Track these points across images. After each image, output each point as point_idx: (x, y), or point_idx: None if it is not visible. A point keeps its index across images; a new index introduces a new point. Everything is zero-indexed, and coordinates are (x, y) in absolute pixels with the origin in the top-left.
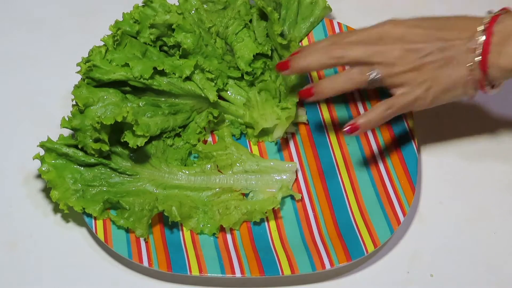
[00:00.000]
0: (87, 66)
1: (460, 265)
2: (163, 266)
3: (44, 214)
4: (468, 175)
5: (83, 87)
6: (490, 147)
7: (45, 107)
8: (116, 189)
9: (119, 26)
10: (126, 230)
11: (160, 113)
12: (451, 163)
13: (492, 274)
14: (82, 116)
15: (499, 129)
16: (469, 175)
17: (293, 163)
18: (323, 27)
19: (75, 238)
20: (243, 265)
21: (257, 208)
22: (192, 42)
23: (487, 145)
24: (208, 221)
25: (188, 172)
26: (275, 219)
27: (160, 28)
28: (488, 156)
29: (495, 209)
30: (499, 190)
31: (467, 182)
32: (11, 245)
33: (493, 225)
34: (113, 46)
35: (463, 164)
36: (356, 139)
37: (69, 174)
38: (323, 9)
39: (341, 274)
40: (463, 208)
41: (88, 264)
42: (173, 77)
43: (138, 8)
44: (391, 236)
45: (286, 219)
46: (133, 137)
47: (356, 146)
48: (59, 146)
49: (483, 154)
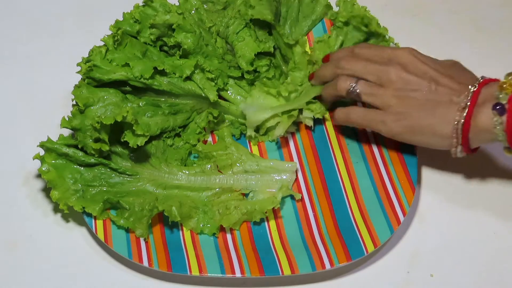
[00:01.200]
0: (87, 66)
1: (460, 265)
2: (163, 266)
3: (44, 214)
4: (468, 175)
5: (83, 87)
6: (490, 147)
7: (45, 107)
8: (116, 189)
9: (119, 26)
10: (126, 230)
11: (160, 113)
12: (451, 163)
13: (492, 274)
14: (82, 116)
15: None
16: (469, 175)
17: (293, 163)
18: (322, 25)
19: (75, 238)
20: (243, 265)
21: (257, 208)
22: (193, 42)
23: (487, 145)
24: (208, 221)
25: (188, 172)
26: (275, 219)
27: (160, 28)
28: (488, 156)
29: (495, 209)
30: (499, 190)
31: (467, 182)
32: (11, 245)
33: (493, 225)
34: (114, 46)
35: (463, 164)
36: (356, 139)
37: (69, 174)
38: (324, 6)
39: (341, 274)
40: (463, 208)
41: (88, 264)
42: (173, 77)
43: (139, 7)
44: (391, 236)
45: (286, 219)
46: (133, 137)
47: (356, 146)
48: (59, 146)
49: (483, 154)
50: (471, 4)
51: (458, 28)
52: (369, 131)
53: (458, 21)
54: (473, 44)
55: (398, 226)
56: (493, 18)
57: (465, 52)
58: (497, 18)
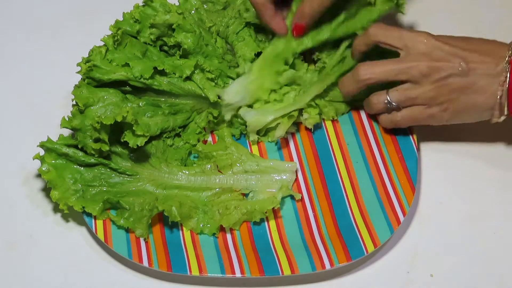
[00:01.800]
0: (88, 66)
1: (460, 265)
2: (163, 266)
3: (44, 214)
4: (468, 175)
5: (83, 87)
6: (491, 147)
7: (45, 107)
8: (116, 189)
9: (119, 25)
10: (126, 230)
11: (160, 113)
12: (451, 163)
13: (492, 274)
14: (82, 116)
15: (499, 129)
16: (469, 175)
17: (293, 163)
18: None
19: (75, 238)
20: (243, 265)
21: (257, 208)
22: (193, 42)
23: (487, 145)
24: (208, 221)
25: (188, 172)
26: (275, 219)
27: (160, 28)
28: (488, 156)
29: (495, 209)
30: (499, 190)
31: (467, 182)
32: (11, 245)
33: (493, 225)
34: (114, 46)
35: (463, 164)
36: (356, 139)
37: (69, 174)
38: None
39: (341, 274)
40: (463, 208)
41: (88, 264)
42: (173, 77)
43: (139, 7)
44: (391, 236)
45: (286, 219)
46: (133, 137)
47: (356, 146)
48: (59, 146)
49: (483, 154)
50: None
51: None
52: (369, 130)
53: (458, 21)
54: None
55: (398, 226)
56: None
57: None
58: (497, 18)
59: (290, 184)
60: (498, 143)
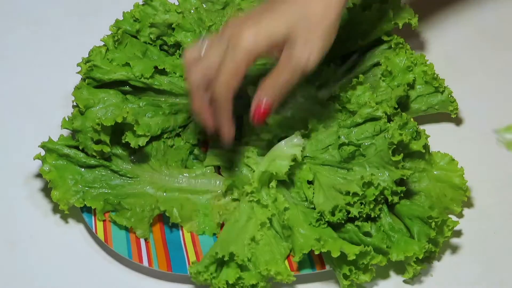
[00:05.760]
0: (88, 66)
1: (460, 265)
2: (163, 266)
3: (44, 214)
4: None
5: (83, 88)
6: (491, 147)
7: (45, 107)
8: (116, 191)
9: (119, 25)
10: (126, 230)
11: (160, 113)
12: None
13: (492, 274)
14: (83, 117)
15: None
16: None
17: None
18: None
19: (75, 239)
20: None
21: None
22: (192, 41)
23: (487, 145)
24: (209, 224)
25: (188, 175)
26: None
27: (160, 28)
28: (488, 156)
29: (495, 209)
30: (499, 190)
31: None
32: (11, 245)
33: (493, 225)
34: (114, 45)
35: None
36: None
37: (70, 175)
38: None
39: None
40: (463, 208)
41: (88, 264)
42: (174, 76)
43: (139, 6)
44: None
45: None
46: (134, 137)
47: None
48: (60, 147)
49: (483, 154)
50: (471, 4)
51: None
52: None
53: (458, 21)
54: (473, 44)
55: None
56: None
57: (465, 51)
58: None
59: None
60: (498, 143)
